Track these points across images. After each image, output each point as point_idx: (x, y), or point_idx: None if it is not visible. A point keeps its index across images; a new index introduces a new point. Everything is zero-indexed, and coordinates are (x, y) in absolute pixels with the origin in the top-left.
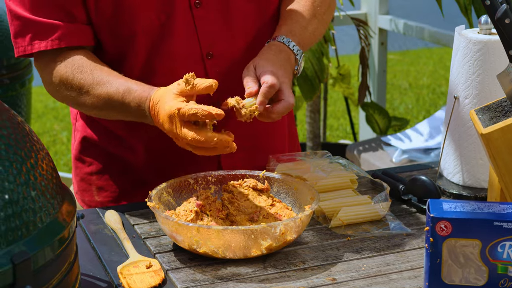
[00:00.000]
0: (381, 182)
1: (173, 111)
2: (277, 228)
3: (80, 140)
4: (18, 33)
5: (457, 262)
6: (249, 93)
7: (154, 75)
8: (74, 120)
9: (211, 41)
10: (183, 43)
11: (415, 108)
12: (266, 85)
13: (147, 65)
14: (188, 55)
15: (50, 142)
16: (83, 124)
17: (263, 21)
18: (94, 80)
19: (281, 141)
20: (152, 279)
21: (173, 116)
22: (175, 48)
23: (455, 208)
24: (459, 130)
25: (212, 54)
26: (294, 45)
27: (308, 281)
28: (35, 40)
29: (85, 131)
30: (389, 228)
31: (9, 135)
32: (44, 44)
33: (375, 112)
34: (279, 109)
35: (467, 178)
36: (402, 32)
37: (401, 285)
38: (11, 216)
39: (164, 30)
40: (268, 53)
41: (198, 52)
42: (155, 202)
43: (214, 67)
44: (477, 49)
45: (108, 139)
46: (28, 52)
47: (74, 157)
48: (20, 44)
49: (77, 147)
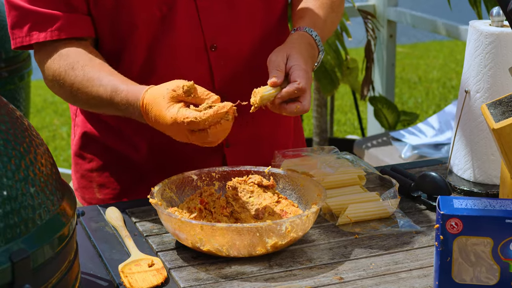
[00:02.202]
0: (389, 178)
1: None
2: (282, 225)
3: (80, 135)
4: (16, 24)
5: (468, 261)
6: (273, 83)
7: (155, 70)
8: (74, 115)
9: (216, 33)
10: (186, 35)
11: (424, 103)
12: (298, 87)
13: (147, 60)
14: (191, 47)
15: (49, 137)
16: (83, 119)
17: (270, 17)
18: (84, 77)
19: (286, 136)
20: (154, 278)
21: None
22: (177, 41)
23: (466, 205)
24: (470, 125)
25: (216, 46)
26: (320, 40)
27: (314, 280)
28: (34, 31)
29: (85, 126)
30: (398, 226)
31: (7, 130)
32: (43, 35)
33: (384, 107)
34: (292, 110)
35: (478, 174)
36: (412, 24)
37: (411, 284)
38: (9, 213)
39: (165, 22)
40: (300, 45)
41: (201, 44)
42: (158, 199)
43: (218, 59)
44: (488, 42)
45: (109, 135)
46: (25, 43)
47: (74, 153)
48: (18, 35)
49: (77, 143)
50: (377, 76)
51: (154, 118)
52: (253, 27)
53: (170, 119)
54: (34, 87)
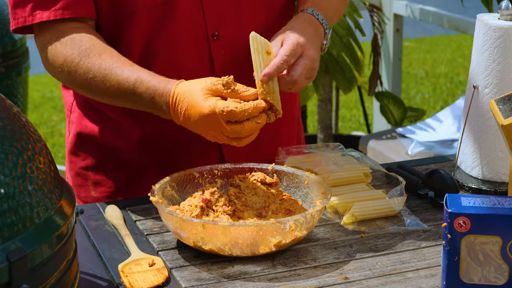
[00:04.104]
0: (396, 175)
1: (217, 110)
2: (286, 224)
3: (75, 133)
4: (18, 3)
5: (476, 260)
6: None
7: (153, 57)
8: (69, 112)
9: (218, 21)
10: (188, 22)
11: (431, 98)
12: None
13: (146, 47)
14: (192, 35)
15: (47, 133)
16: (79, 115)
17: (274, 5)
18: (102, 65)
19: (290, 133)
20: (155, 278)
21: (213, 116)
22: (178, 27)
23: (474, 203)
24: (478, 121)
25: (218, 34)
26: (323, 19)
27: (319, 280)
28: (37, 10)
29: (80, 123)
30: (404, 224)
31: (4, 126)
32: (47, 14)
33: (390, 102)
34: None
35: (486, 171)
36: (419, 18)
37: (417, 284)
38: (6, 211)
39: (167, 7)
40: (296, 24)
41: (203, 32)
42: (158, 197)
43: (219, 49)
44: (497, 36)
45: (104, 128)
46: (28, 23)
47: (68, 151)
48: (20, 14)
49: (72, 140)
50: (383, 71)
51: (186, 110)
52: (256, 16)
53: (208, 107)
54: (32, 82)
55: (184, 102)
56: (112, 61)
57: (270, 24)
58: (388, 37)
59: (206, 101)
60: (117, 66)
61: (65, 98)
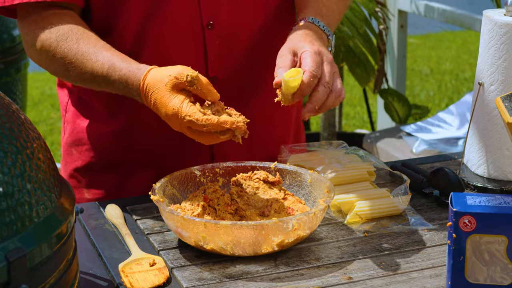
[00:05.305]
0: (400, 174)
1: (180, 114)
2: (289, 223)
3: (70, 133)
4: None
5: (482, 260)
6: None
7: (146, 45)
8: (64, 111)
9: (214, 9)
10: (182, 9)
11: (436, 95)
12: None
13: (139, 34)
14: (186, 23)
15: (47, 131)
16: (73, 114)
17: (273, 2)
18: (78, 50)
19: (285, 131)
20: (156, 278)
21: (176, 117)
22: (171, 15)
23: (479, 202)
24: (484, 119)
25: (213, 24)
26: (324, 25)
27: (322, 280)
28: None
29: (74, 122)
30: (409, 224)
31: (3, 124)
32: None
33: (394, 100)
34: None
35: (492, 170)
36: (423, 14)
37: (422, 284)
38: (5, 210)
39: None
40: (299, 35)
41: (197, 20)
42: (159, 196)
43: (213, 38)
44: (503, 32)
45: (95, 126)
46: (8, 4)
47: (63, 151)
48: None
49: (67, 141)
50: (387, 68)
51: (154, 103)
52: (255, 6)
53: (172, 110)
54: (31, 79)
55: (153, 95)
56: (88, 46)
57: (270, 17)
58: (393, 33)
59: (172, 100)
60: (92, 52)
61: (60, 98)
